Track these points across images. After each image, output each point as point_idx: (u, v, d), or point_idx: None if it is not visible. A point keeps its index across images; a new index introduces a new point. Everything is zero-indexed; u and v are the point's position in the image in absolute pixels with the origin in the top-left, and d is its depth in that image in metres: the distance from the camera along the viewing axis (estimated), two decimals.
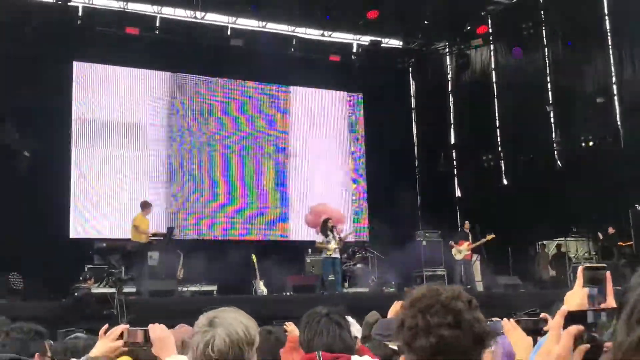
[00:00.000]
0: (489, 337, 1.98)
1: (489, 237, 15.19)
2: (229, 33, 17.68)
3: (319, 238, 14.50)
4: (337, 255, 14.22)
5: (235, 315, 2.37)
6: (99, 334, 2.89)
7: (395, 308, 4.96)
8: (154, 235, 13.98)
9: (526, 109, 18.22)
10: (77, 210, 16.11)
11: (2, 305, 11.00)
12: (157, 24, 17.27)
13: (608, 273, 2.23)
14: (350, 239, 16.78)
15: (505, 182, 18.90)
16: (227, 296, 13.23)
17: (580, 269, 2.27)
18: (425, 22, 18.67)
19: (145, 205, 14.16)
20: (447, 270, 16.18)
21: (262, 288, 13.84)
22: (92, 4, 16.47)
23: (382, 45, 19.05)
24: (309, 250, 15.89)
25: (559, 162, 17.36)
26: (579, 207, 16.16)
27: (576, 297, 2.19)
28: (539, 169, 17.30)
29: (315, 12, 16.67)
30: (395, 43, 20.22)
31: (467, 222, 15.99)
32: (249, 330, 2.37)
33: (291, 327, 4.52)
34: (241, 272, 14.39)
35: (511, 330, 3.39)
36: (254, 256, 14.07)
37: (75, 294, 10.89)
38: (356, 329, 4.38)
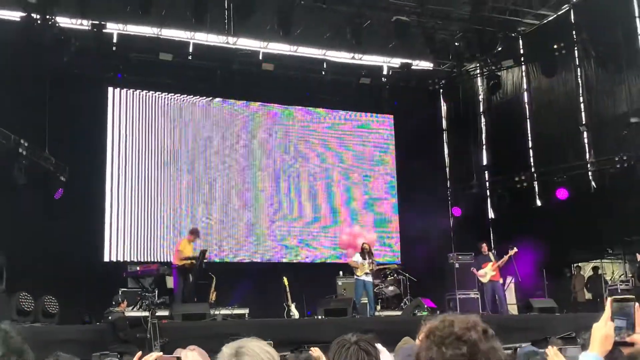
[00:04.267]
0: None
1: (512, 252, 14.91)
2: (260, 57, 17.87)
3: (354, 257, 14.47)
4: (369, 279, 14.17)
5: (261, 345, 2.38)
6: None
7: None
8: (187, 258, 14.08)
9: (559, 129, 18.07)
10: (112, 233, 16.32)
11: (38, 329, 11.17)
12: (190, 50, 17.53)
13: (637, 305, 2.21)
14: (382, 261, 16.74)
15: (539, 203, 18.69)
16: (259, 319, 13.23)
17: (609, 300, 2.26)
18: (456, 43, 18.68)
19: (193, 232, 14.47)
20: (481, 293, 16.00)
21: (293, 311, 13.83)
22: (126, 30, 16.78)
23: (413, 67, 19.07)
24: (340, 272, 15.86)
25: (593, 183, 17.12)
26: (614, 229, 15.92)
27: (603, 329, 2.17)
28: (574, 190, 17.07)
29: (346, 36, 16.74)
30: (425, 65, 20.24)
31: (484, 244, 15.62)
32: None
33: (317, 353, 4.48)
34: (273, 296, 14.41)
35: (554, 358, 3.37)
36: (285, 279, 14.10)
37: (109, 317, 10.99)
38: (386, 357, 4.35)
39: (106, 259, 16.11)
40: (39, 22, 14.33)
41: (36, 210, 14.53)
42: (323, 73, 18.64)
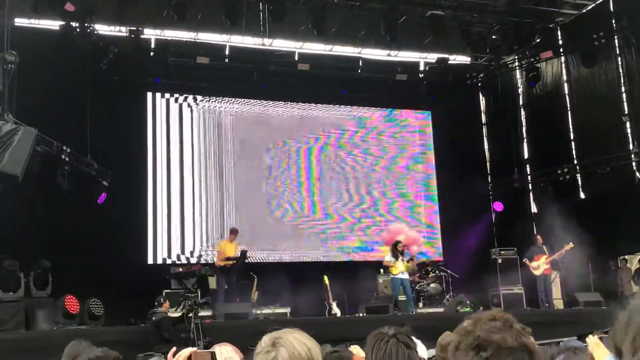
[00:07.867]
0: (535, 349, 2.04)
1: (568, 246, 14.72)
2: (296, 58, 17.92)
3: (387, 257, 14.42)
4: (405, 276, 14.07)
5: (298, 336, 2.37)
6: (167, 357, 2.92)
7: None
8: (228, 259, 14.22)
9: (601, 120, 17.73)
10: (155, 236, 16.53)
11: (83, 331, 11.36)
12: (227, 53, 17.67)
13: None
14: (423, 258, 16.65)
15: (582, 195, 18.36)
16: (300, 318, 13.27)
17: None
18: (493, 36, 18.46)
19: (232, 232, 14.65)
20: (524, 288, 15.81)
21: (335, 309, 13.84)
22: (163, 35, 16.98)
23: (450, 62, 18.91)
24: (381, 270, 15.81)
25: (637, 174, 16.76)
26: None
27: None
28: (617, 181, 16.74)
29: (380, 33, 16.67)
30: (463, 59, 20.05)
31: (538, 236, 15.55)
32: (311, 352, 2.36)
33: (357, 350, 4.47)
34: (314, 294, 14.44)
35: (595, 348, 3.35)
36: (325, 277, 14.12)
37: (153, 318, 11.13)
38: (422, 350, 4.33)
39: (150, 261, 16.34)
40: (77, 30, 14.59)
41: (80, 215, 14.79)
42: (359, 71, 18.61)
